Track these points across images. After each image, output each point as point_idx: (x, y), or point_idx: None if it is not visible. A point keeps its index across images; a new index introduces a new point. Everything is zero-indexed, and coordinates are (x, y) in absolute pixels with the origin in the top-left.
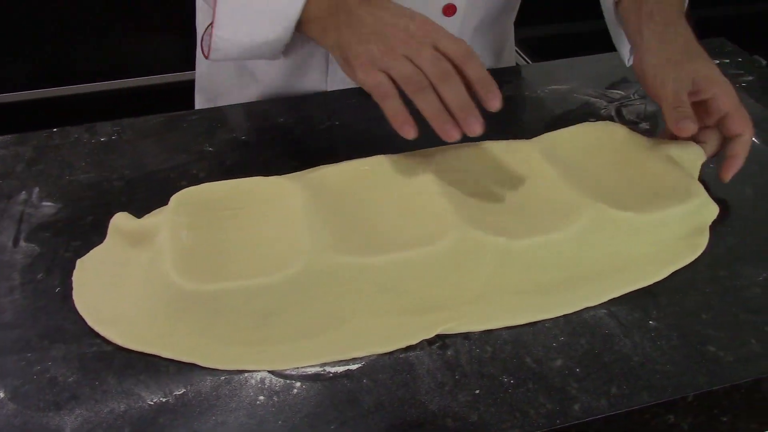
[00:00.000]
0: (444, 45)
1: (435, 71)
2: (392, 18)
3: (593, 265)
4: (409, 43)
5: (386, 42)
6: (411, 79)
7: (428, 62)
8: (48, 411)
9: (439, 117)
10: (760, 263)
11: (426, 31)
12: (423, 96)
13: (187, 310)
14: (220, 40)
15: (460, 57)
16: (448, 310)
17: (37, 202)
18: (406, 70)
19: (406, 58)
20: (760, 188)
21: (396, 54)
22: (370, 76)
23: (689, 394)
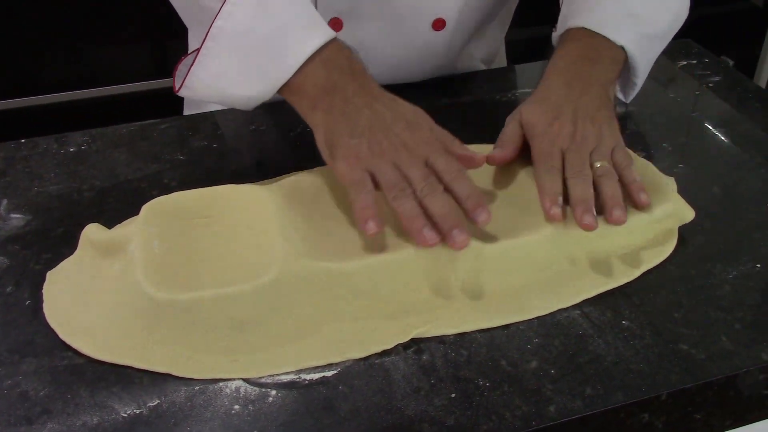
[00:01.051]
0: (434, 161)
1: (422, 186)
2: (390, 118)
3: (565, 267)
4: (400, 152)
5: (379, 145)
6: (395, 185)
7: (417, 177)
8: (19, 426)
9: (417, 220)
10: (729, 262)
11: (419, 144)
12: (402, 201)
13: (161, 320)
14: (196, 80)
15: (449, 175)
16: (423, 313)
17: (6, 214)
18: (392, 177)
19: (395, 165)
20: (728, 188)
21: (385, 159)
22: (354, 172)
23: (663, 392)
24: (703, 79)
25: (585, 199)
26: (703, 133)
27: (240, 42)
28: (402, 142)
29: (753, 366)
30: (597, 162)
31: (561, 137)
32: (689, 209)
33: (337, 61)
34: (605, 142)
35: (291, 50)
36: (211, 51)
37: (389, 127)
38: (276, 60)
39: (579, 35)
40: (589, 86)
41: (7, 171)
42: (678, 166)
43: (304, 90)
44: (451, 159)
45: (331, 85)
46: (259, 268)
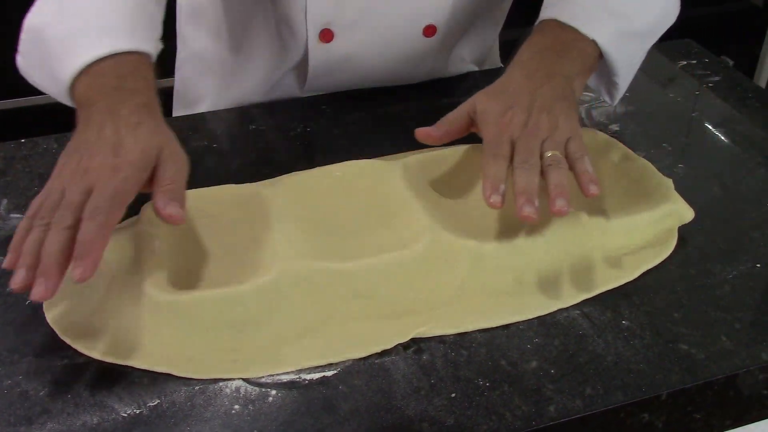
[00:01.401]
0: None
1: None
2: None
3: (565, 267)
4: (75, 177)
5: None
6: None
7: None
8: (19, 426)
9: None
10: (729, 261)
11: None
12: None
13: (162, 320)
14: (21, 69)
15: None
16: (423, 313)
17: (6, 214)
18: (48, 202)
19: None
20: (728, 188)
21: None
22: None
23: (663, 392)
24: (703, 79)
25: (526, 189)
26: (703, 133)
27: (39, 38)
28: (83, 167)
29: (753, 366)
30: (548, 152)
31: (512, 126)
32: (689, 209)
33: (105, 76)
34: (559, 132)
35: (70, 57)
36: (23, 41)
37: (88, 151)
38: (58, 64)
39: (550, 27)
40: (550, 78)
41: (7, 171)
42: (678, 166)
43: (75, 100)
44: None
45: (87, 100)
46: (259, 269)
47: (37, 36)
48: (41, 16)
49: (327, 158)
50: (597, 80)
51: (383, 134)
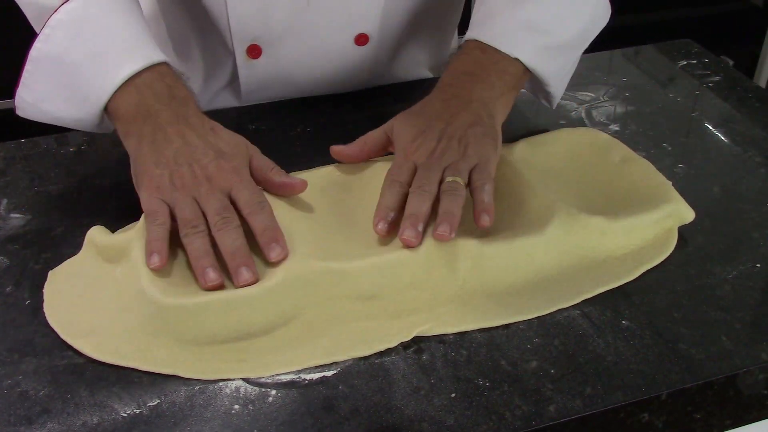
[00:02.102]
0: (236, 194)
1: (216, 220)
2: (199, 149)
3: (565, 268)
4: (201, 185)
5: (180, 178)
6: (188, 222)
7: (212, 210)
8: (19, 426)
9: (201, 260)
10: (729, 261)
11: (224, 175)
12: (191, 239)
13: (167, 324)
14: (23, 102)
15: (248, 209)
16: (424, 313)
17: (6, 213)
18: (187, 212)
19: (193, 199)
20: (728, 188)
21: (184, 193)
22: (151, 202)
23: (663, 392)
24: (703, 79)
25: (412, 213)
26: (703, 133)
27: (58, 65)
28: (206, 175)
29: (753, 366)
30: (448, 178)
31: (419, 153)
32: (689, 210)
33: (153, 87)
34: (466, 160)
35: (105, 75)
36: (32, 74)
37: (196, 159)
38: (91, 84)
39: (471, 48)
40: (467, 104)
41: (7, 171)
42: (678, 166)
43: (118, 115)
44: (254, 191)
45: (143, 112)
46: (263, 271)
47: (54, 63)
48: (54, 44)
49: (327, 158)
50: (531, 89)
51: None
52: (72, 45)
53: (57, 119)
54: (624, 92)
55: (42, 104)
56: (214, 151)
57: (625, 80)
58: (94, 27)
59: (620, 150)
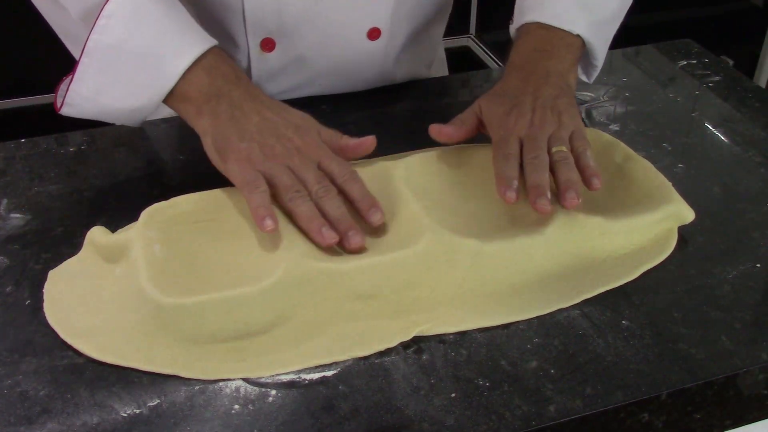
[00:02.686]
0: (327, 164)
1: (316, 189)
2: (280, 124)
3: (565, 267)
4: (293, 156)
5: (271, 149)
6: (291, 187)
7: (311, 180)
8: (19, 426)
9: (315, 221)
10: (729, 261)
11: (311, 148)
12: (299, 202)
13: (166, 324)
14: (77, 96)
15: (342, 178)
16: (424, 312)
17: (6, 213)
18: (287, 179)
19: (288, 168)
20: (728, 188)
21: (279, 162)
22: (246, 171)
23: (663, 392)
24: (703, 79)
25: (539, 184)
26: (703, 133)
27: (117, 55)
28: (294, 146)
29: (753, 366)
30: (554, 147)
31: (518, 125)
32: (689, 210)
33: (220, 68)
34: (563, 128)
35: (171, 59)
36: (88, 66)
37: (280, 132)
38: (156, 70)
39: (533, 29)
40: (546, 78)
41: (7, 171)
42: (678, 166)
43: (188, 97)
44: (342, 162)
45: (216, 91)
46: (262, 271)
47: (114, 53)
48: (112, 34)
49: None
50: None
51: (383, 134)
52: (131, 33)
53: (109, 113)
54: (624, 92)
55: (98, 97)
56: (293, 126)
57: (625, 80)
58: (150, 14)
59: (621, 150)
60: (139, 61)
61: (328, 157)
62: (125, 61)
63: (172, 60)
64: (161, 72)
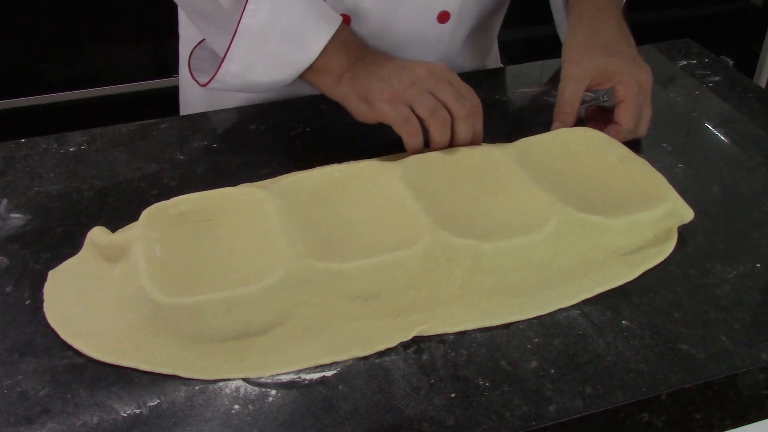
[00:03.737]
0: (459, 87)
1: (458, 107)
2: (412, 65)
3: (565, 267)
4: (430, 79)
5: (409, 77)
6: (436, 113)
7: (452, 98)
8: (19, 426)
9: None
10: (729, 261)
11: (444, 72)
12: (442, 131)
13: (166, 323)
14: (227, 74)
15: (472, 108)
16: (424, 312)
17: (6, 213)
18: (430, 103)
19: (429, 93)
20: (728, 187)
21: (419, 88)
22: (397, 110)
23: (663, 392)
24: (703, 79)
25: None
26: (703, 133)
27: (264, 36)
28: (428, 71)
29: (753, 366)
30: None
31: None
32: (688, 209)
33: (353, 41)
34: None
35: (312, 38)
36: (239, 47)
37: (412, 68)
38: (300, 48)
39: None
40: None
41: (7, 171)
42: (678, 166)
43: (328, 70)
44: (472, 89)
45: (353, 60)
46: (262, 270)
47: (262, 34)
48: (261, 17)
49: (327, 158)
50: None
51: (383, 134)
52: (278, 15)
53: (256, 85)
54: None
55: (246, 73)
56: (425, 66)
57: None
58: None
59: (617, 149)
60: (284, 41)
61: (458, 80)
62: (272, 41)
63: (313, 38)
64: (304, 49)
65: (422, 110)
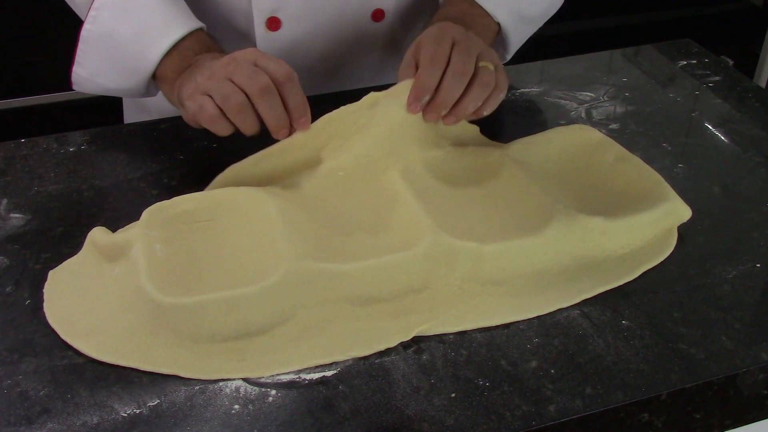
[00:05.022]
0: (264, 64)
1: (252, 84)
2: (225, 56)
3: (565, 268)
4: (230, 65)
5: (210, 68)
6: (230, 98)
7: (246, 77)
8: (19, 426)
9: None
10: (729, 261)
11: (248, 53)
12: (242, 117)
13: (166, 323)
14: (79, 78)
15: (279, 78)
16: (424, 313)
17: (6, 213)
18: (225, 89)
19: (227, 79)
20: (728, 188)
21: (217, 77)
22: (194, 100)
23: (663, 392)
24: (703, 79)
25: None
26: (703, 133)
27: (107, 42)
28: (232, 58)
29: (753, 366)
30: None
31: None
32: (686, 207)
33: (193, 48)
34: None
35: (151, 46)
36: (83, 52)
37: (218, 60)
38: (139, 56)
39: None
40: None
41: (7, 171)
42: (678, 166)
43: (166, 78)
44: (280, 61)
45: (185, 67)
46: (262, 271)
47: (104, 41)
48: (101, 24)
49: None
50: None
51: None
52: (118, 23)
53: (110, 90)
54: (624, 92)
55: (96, 78)
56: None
57: (625, 80)
58: (135, 4)
59: (613, 149)
60: (125, 49)
61: (264, 56)
62: (114, 48)
63: (152, 47)
64: (143, 59)
65: (217, 99)
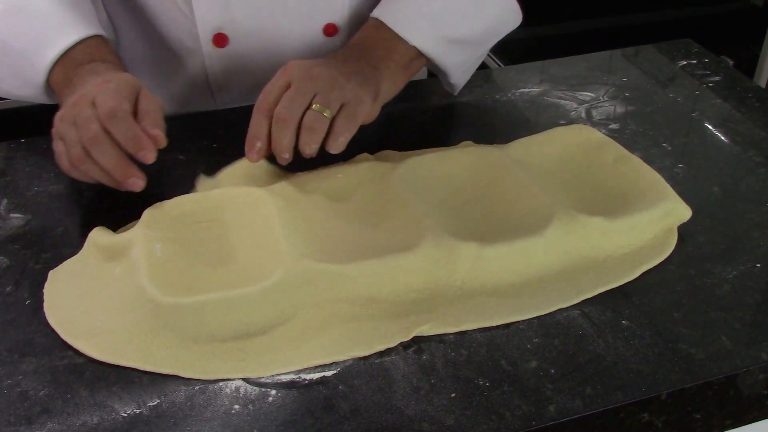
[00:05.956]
0: (99, 102)
1: (84, 134)
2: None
3: (565, 267)
4: (76, 106)
5: (65, 107)
6: (71, 150)
7: (80, 124)
8: (19, 426)
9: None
10: (729, 261)
11: (92, 88)
12: (86, 168)
13: (166, 323)
14: None
15: (103, 119)
16: (424, 313)
17: (5, 213)
18: (69, 136)
19: (72, 124)
20: (728, 187)
21: (65, 120)
22: (54, 142)
23: (663, 392)
24: (703, 79)
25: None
26: (703, 133)
27: (3, 51)
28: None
29: (753, 366)
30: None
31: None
32: (686, 207)
33: (76, 59)
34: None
35: (39, 56)
36: None
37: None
38: (30, 66)
39: (370, 25)
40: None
41: (7, 171)
42: (678, 166)
43: (57, 88)
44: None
45: (71, 77)
46: (262, 271)
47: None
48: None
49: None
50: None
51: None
52: (12, 32)
53: (17, 96)
54: (624, 92)
55: (1, 84)
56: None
57: (625, 80)
58: (28, 12)
59: (613, 149)
60: (19, 59)
61: (100, 93)
62: (9, 57)
63: (39, 57)
64: (33, 69)
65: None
